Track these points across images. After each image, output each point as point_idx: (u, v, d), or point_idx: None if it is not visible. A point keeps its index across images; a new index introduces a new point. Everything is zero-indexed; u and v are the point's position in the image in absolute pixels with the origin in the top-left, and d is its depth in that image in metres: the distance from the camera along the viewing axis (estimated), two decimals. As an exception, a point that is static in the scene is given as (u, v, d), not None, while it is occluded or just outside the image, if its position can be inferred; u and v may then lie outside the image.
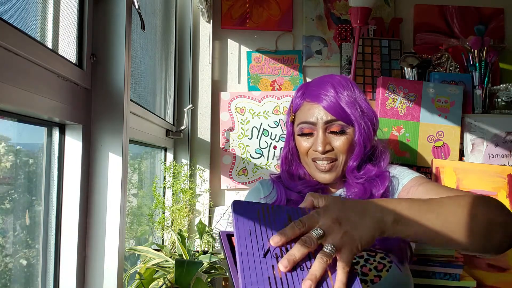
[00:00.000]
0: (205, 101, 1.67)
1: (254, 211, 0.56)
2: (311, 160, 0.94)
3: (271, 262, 0.50)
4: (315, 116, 0.91)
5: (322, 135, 0.90)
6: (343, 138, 0.91)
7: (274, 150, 1.69)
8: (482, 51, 1.61)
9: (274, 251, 0.51)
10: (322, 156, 0.91)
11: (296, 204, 0.91)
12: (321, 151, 0.90)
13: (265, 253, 0.50)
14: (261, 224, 0.54)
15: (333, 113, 0.89)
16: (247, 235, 0.52)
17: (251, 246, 0.51)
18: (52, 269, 0.74)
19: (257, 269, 0.48)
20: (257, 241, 0.52)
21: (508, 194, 1.41)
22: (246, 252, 0.50)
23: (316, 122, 0.91)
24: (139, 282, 1.08)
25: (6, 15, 0.55)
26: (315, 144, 0.91)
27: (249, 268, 0.48)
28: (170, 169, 1.51)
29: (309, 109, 0.92)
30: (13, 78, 0.55)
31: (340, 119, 0.89)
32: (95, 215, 0.78)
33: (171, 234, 1.34)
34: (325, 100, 0.90)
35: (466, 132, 1.52)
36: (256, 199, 0.99)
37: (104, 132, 0.80)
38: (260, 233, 0.53)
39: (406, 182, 0.90)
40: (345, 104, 0.90)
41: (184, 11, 1.68)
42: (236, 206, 0.56)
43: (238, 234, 0.52)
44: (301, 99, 0.95)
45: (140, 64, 1.17)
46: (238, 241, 0.51)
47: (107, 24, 0.81)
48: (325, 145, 0.90)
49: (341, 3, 1.77)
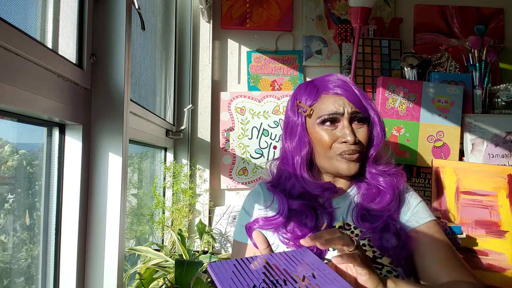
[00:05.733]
0: (205, 101, 1.67)
1: (231, 265, 0.61)
2: (335, 154, 0.89)
3: None
4: (341, 106, 0.88)
5: (349, 125, 0.88)
6: (365, 129, 0.90)
7: (274, 150, 1.69)
8: (482, 51, 1.61)
9: (260, 285, 0.55)
10: (351, 148, 0.87)
11: (298, 213, 0.89)
12: (352, 141, 0.86)
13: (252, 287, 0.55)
14: (241, 274, 0.58)
15: (356, 104, 0.89)
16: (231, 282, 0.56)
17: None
18: (52, 269, 0.74)
19: None
20: (240, 283, 0.56)
21: (508, 194, 1.41)
22: None
23: (343, 112, 0.88)
24: (139, 282, 1.08)
25: (6, 15, 0.55)
26: (343, 135, 0.87)
27: None
28: (170, 169, 1.51)
29: (331, 100, 0.90)
30: (13, 78, 0.55)
31: (362, 111, 0.90)
32: (95, 215, 0.78)
33: (171, 234, 1.34)
34: (347, 91, 0.89)
35: (466, 132, 1.52)
36: (256, 202, 0.96)
37: (104, 132, 0.80)
38: (241, 277, 0.57)
39: (423, 223, 0.89)
40: (362, 97, 0.90)
41: (184, 11, 1.68)
42: (214, 266, 0.60)
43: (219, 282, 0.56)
44: (317, 93, 0.92)
45: (140, 64, 1.17)
46: None
47: (107, 24, 0.81)
48: (354, 135, 0.87)
49: (341, 3, 1.77)
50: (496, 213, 1.40)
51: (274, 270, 0.59)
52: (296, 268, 0.59)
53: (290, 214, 0.89)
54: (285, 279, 0.56)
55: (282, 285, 0.55)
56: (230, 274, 0.58)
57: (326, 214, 0.89)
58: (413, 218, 0.90)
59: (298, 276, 0.57)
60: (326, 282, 0.56)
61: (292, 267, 0.60)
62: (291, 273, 0.58)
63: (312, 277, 0.57)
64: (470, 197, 1.42)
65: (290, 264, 0.61)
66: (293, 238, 0.86)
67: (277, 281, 0.56)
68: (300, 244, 0.84)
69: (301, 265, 0.60)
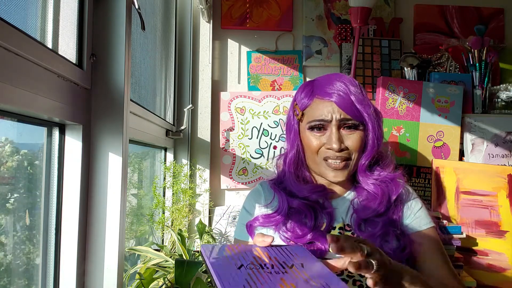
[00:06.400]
0: (205, 101, 1.67)
1: (223, 248, 0.62)
2: (322, 159, 0.90)
3: (246, 272, 0.54)
4: (329, 113, 0.87)
5: (336, 132, 0.87)
6: (356, 136, 0.88)
7: (274, 150, 1.69)
8: (482, 51, 1.61)
9: (248, 265, 0.56)
10: (336, 155, 0.87)
11: (298, 211, 0.90)
12: (337, 148, 0.86)
13: (239, 267, 0.55)
14: (232, 256, 0.59)
15: (347, 111, 0.87)
16: (221, 263, 0.57)
17: (227, 269, 0.55)
18: (52, 269, 0.74)
19: (235, 280, 0.52)
20: (229, 263, 0.56)
21: (508, 194, 1.41)
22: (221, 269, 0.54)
23: (331, 119, 0.87)
24: (139, 282, 1.08)
25: (6, 15, 0.55)
26: (329, 141, 0.87)
27: (228, 282, 0.51)
28: (170, 169, 1.51)
29: (321, 106, 0.89)
30: (13, 78, 0.55)
31: (354, 117, 0.87)
32: (95, 215, 0.78)
33: (171, 234, 1.34)
34: (338, 97, 0.87)
35: (466, 132, 1.52)
36: (257, 202, 0.96)
37: (104, 132, 0.80)
38: (232, 260, 0.58)
39: (425, 228, 0.91)
40: (357, 102, 0.87)
41: (184, 11, 1.68)
42: (205, 247, 0.61)
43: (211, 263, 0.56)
44: (311, 96, 0.91)
45: (140, 64, 1.17)
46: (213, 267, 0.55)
47: (107, 24, 0.81)
48: (340, 143, 0.86)
49: (341, 3, 1.77)
50: (496, 213, 1.40)
51: (263, 256, 0.60)
52: (286, 258, 0.60)
53: (290, 212, 0.90)
54: (273, 264, 0.57)
55: (269, 268, 0.55)
56: (220, 255, 0.59)
57: (325, 214, 0.89)
58: (415, 222, 0.92)
59: (286, 264, 0.57)
60: (315, 273, 0.56)
61: (283, 257, 0.60)
62: (280, 260, 0.58)
63: (301, 266, 0.57)
64: (470, 197, 1.42)
65: (281, 254, 0.61)
66: (294, 237, 0.86)
67: (264, 265, 0.56)
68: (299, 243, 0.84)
69: (292, 256, 0.61)
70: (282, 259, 0.59)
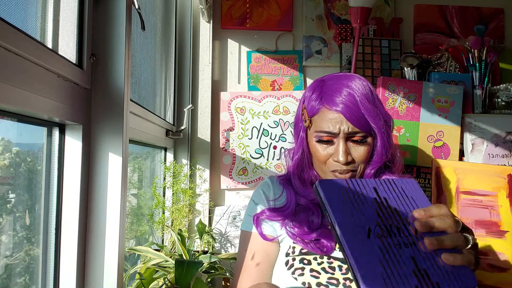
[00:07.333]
0: (205, 101, 1.67)
1: (341, 188, 0.59)
2: (329, 170, 0.89)
3: (375, 243, 0.54)
4: (337, 124, 0.85)
5: (344, 145, 0.86)
6: (364, 148, 0.87)
7: (274, 150, 1.69)
8: (482, 51, 1.61)
9: (375, 230, 0.55)
10: (343, 168, 0.87)
11: (305, 209, 0.90)
12: (343, 161, 0.85)
13: (367, 234, 0.55)
14: (352, 200, 0.58)
15: (356, 124, 0.84)
16: (343, 214, 0.55)
17: (350, 227, 0.55)
18: (52, 269, 0.74)
19: (367, 253, 0.52)
20: (354, 220, 0.55)
21: (508, 194, 1.41)
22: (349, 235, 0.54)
23: (338, 132, 0.85)
24: (139, 282, 1.08)
25: (6, 15, 0.55)
26: (336, 154, 0.86)
27: (360, 255, 0.52)
28: (170, 169, 1.51)
29: (329, 117, 0.86)
30: (13, 78, 0.55)
31: (363, 130, 0.85)
32: (95, 215, 0.78)
33: (171, 234, 1.35)
34: (346, 108, 0.84)
35: (466, 132, 1.52)
36: (265, 194, 0.96)
37: (104, 132, 0.80)
38: (353, 210, 0.57)
39: None
40: (368, 114, 0.85)
41: (184, 11, 1.68)
42: (323, 185, 0.59)
43: (334, 215, 0.55)
44: (319, 104, 0.88)
45: (140, 64, 1.17)
46: (338, 224, 0.54)
47: (107, 24, 0.80)
48: (347, 156, 0.85)
49: (341, 3, 1.77)
50: (496, 213, 1.40)
51: (385, 208, 0.59)
52: (407, 210, 0.60)
53: (297, 209, 0.91)
54: (398, 227, 0.57)
55: (396, 233, 0.56)
56: (341, 199, 0.58)
57: None
58: None
59: (411, 226, 0.58)
60: None
61: (402, 207, 0.60)
62: (402, 217, 0.59)
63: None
64: (470, 197, 1.42)
65: (399, 201, 0.61)
66: (300, 233, 0.87)
67: (391, 227, 0.57)
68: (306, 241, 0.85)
69: (410, 205, 0.61)
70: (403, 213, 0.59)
